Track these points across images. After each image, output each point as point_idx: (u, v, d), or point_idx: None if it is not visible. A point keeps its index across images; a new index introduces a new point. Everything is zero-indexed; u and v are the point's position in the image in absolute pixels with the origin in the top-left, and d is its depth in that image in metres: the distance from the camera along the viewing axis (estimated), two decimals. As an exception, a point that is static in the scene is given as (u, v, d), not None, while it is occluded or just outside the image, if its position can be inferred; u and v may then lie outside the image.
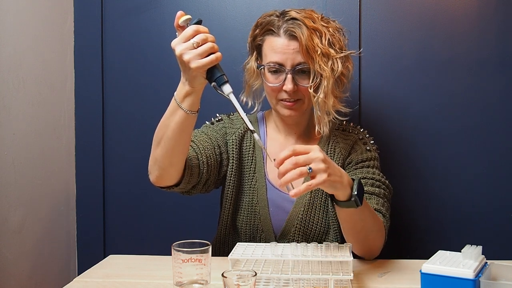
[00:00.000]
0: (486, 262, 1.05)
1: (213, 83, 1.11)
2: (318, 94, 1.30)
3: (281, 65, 1.31)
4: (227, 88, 1.11)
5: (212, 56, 1.08)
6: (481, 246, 1.05)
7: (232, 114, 1.52)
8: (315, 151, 1.07)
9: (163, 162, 1.22)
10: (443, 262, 1.01)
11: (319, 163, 1.06)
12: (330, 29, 1.32)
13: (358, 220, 1.20)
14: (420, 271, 1.01)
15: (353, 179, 1.15)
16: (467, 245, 1.05)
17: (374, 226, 1.25)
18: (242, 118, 1.14)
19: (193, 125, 1.21)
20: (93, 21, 1.87)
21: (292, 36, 1.29)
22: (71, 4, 1.87)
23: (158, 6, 1.85)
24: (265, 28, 1.34)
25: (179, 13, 1.12)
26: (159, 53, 1.86)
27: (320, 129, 1.35)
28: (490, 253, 1.15)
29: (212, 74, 1.11)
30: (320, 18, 1.33)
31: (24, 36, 1.59)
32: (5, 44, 1.49)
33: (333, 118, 1.35)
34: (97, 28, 1.87)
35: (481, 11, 1.74)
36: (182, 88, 1.15)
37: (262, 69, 1.36)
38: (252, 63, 1.41)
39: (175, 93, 1.17)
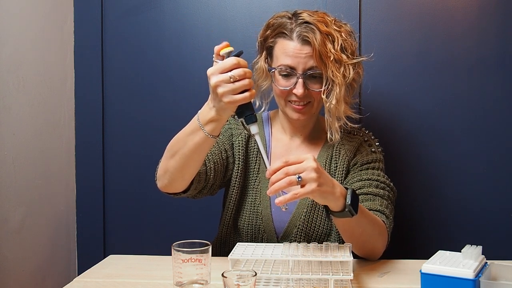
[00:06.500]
0: (486, 262, 1.05)
1: (241, 119, 1.11)
2: (330, 100, 1.30)
3: (292, 68, 1.31)
4: (254, 128, 1.11)
5: (246, 94, 1.06)
6: (481, 246, 1.05)
7: None
8: (308, 160, 1.06)
9: (175, 174, 1.21)
10: (443, 262, 1.01)
11: (311, 172, 1.05)
12: (342, 33, 1.31)
13: (355, 226, 1.20)
14: (420, 271, 1.01)
15: (346, 188, 1.14)
16: (467, 245, 1.05)
17: (374, 230, 1.24)
18: (263, 160, 1.13)
19: (211, 146, 1.18)
20: (93, 21, 1.87)
21: (305, 41, 1.28)
22: (71, 4, 1.87)
23: (158, 6, 1.85)
24: (277, 31, 1.33)
25: (224, 43, 1.09)
26: (159, 53, 1.86)
27: (332, 135, 1.35)
28: (490, 253, 1.15)
29: (243, 110, 1.10)
30: (333, 21, 1.32)
31: (24, 36, 1.59)
32: (5, 44, 1.49)
33: (343, 124, 1.35)
34: (97, 28, 1.87)
35: (481, 11, 1.74)
36: (208, 112, 1.12)
37: (273, 72, 1.35)
38: (261, 63, 1.40)
39: (199, 112, 1.14)
